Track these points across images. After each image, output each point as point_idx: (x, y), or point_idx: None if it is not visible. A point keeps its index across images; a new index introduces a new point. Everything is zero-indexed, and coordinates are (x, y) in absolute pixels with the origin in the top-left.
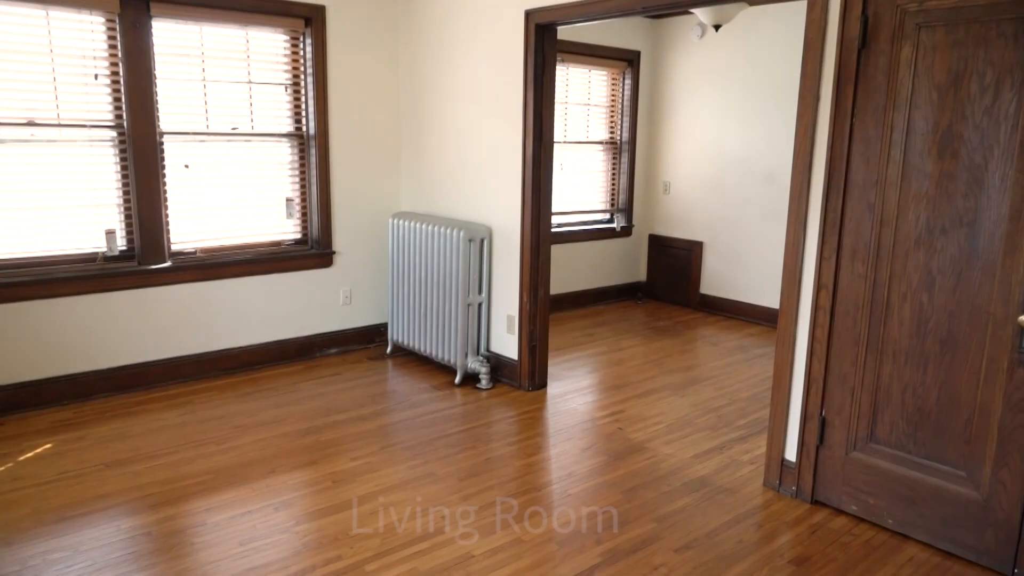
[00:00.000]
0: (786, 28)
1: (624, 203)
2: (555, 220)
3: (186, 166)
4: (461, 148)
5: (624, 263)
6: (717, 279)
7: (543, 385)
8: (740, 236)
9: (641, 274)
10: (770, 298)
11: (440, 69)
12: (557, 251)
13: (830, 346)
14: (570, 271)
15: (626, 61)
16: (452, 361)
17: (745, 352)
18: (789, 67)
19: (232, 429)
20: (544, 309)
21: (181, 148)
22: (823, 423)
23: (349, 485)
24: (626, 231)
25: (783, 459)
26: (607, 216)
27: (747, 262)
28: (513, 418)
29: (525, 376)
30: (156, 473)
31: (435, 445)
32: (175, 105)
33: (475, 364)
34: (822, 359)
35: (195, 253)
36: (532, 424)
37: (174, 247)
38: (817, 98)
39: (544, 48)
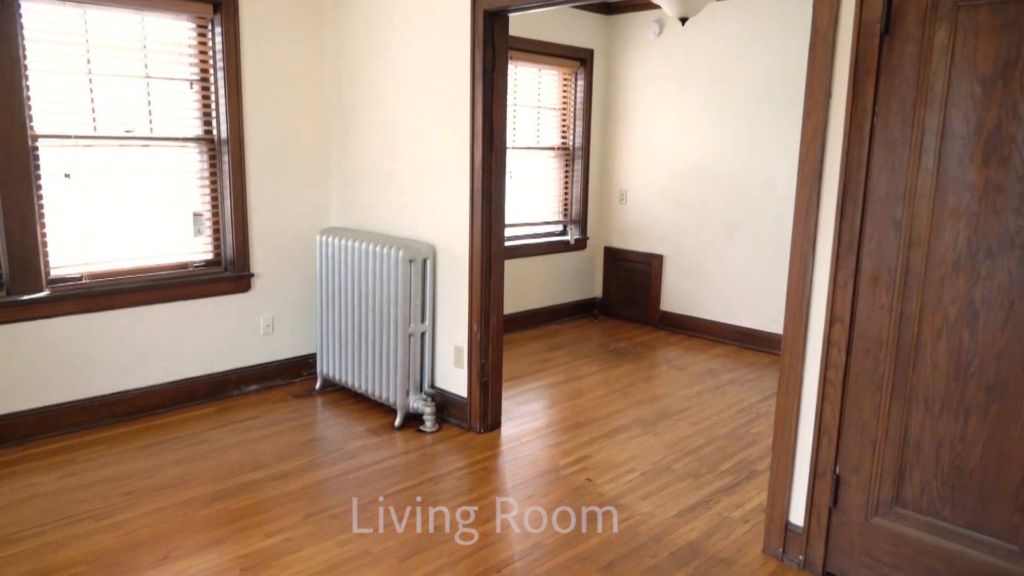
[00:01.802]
0: (749, 23)
1: (578, 214)
2: (504, 232)
3: (67, 175)
4: (400, 154)
5: (578, 278)
6: (678, 295)
7: (497, 425)
8: (703, 249)
9: (596, 290)
10: (736, 315)
11: (375, 63)
12: (507, 267)
13: (846, 390)
14: (521, 288)
15: (578, 60)
16: (391, 400)
17: (715, 377)
18: (754, 65)
19: (121, 497)
20: (497, 339)
21: (61, 154)
22: (837, 481)
23: (263, 573)
24: (580, 244)
25: (787, 522)
26: (560, 228)
27: (710, 277)
28: (464, 470)
29: (476, 416)
30: (12, 567)
31: (371, 510)
32: (53, 103)
33: (418, 403)
34: (836, 405)
35: (80, 279)
36: (486, 477)
37: (53, 273)
38: (828, 94)
39: (495, 39)
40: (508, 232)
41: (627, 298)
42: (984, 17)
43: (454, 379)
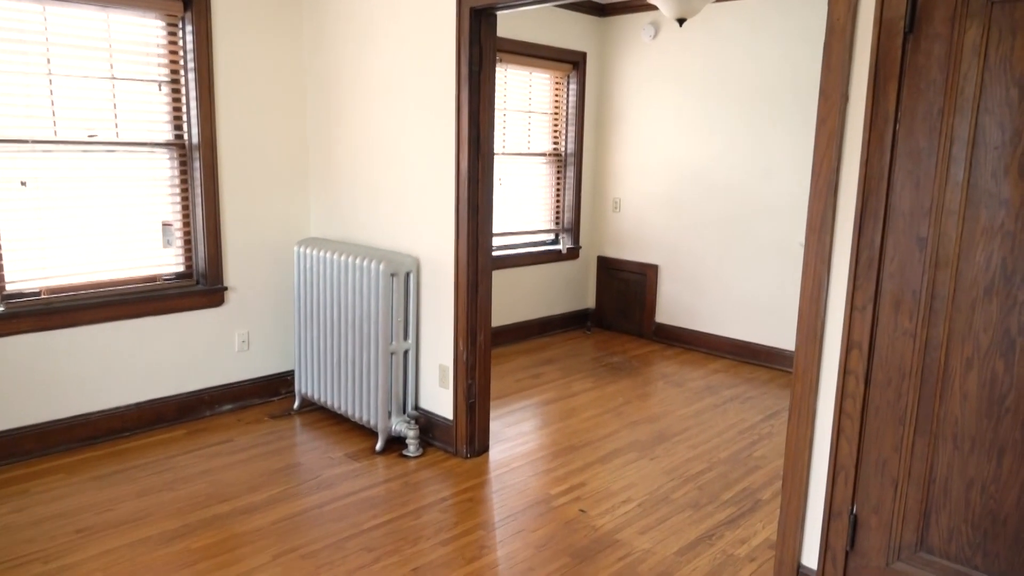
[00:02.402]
0: (749, 26)
1: (570, 222)
2: (494, 242)
3: (23, 183)
4: (381, 161)
5: (570, 289)
6: (674, 307)
7: (484, 449)
8: (699, 259)
9: (589, 301)
10: (734, 328)
11: (356, 64)
12: (496, 277)
13: (864, 423)
14: (511, 300)
15: (571, 63)
16: (372, 422)
17: (714, 394)
18: (753, 70)
19: (72, 535)
20: (485, 358)
21: (16, 160)
22: (854, 523)
23: None
24: (572, 253)
25: (799, 564)
26: (551, 237)
27: (707, 288)
28: (449, 500)
29: (462, 440)
30: None
31: (347, 549)
32: (7, 105)
33: (400, 426)
34: (853, 440)
35: (38, 295)
36: (473, 509)
37: (9, 288)
38: (845, 98)
39: (482, 37)
40: (497, 241)
41: (621, 309)
42: (1022, 14)
43: (439, 400)
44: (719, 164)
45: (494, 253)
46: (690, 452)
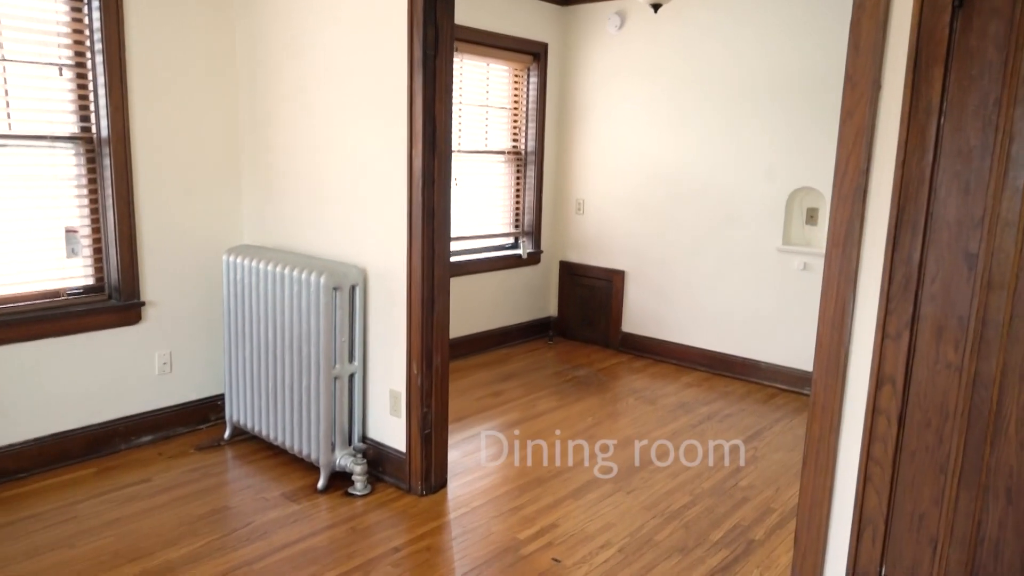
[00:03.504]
0: (725, 17)
1: (530, 225)
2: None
3: None
4: (324, 158)
5: (531, 297)
6: (641, 315)
7: (441, 485)
8: (669, 264)
9: (551, 309)
10: (706, 338)
11: (294, 47)
12: (452, 285)
13: (897, 472)
14: (467, 309)
15: (531, 55)
16: (313, 456)
17: (689, 412)
18: (729, 63)
19: None
20: (442, 383)
21: None
22: None
23: None
24: (533, 258)
25: None
26: (510, 241)
27: (677, 295)
28: (402, 551)
29: (416, 475)
30: None
31: None
32: None
33: (346, 460)
34: (883, 490)
35: None
36: (430, 561)
37: None
38: (878, 86)
39: (438, 17)
40: (453, 246)
41: (585, 318)
42: None
43: (390, 430)
44: (690, 164)
45: (451, 260)
46: (670, 482)
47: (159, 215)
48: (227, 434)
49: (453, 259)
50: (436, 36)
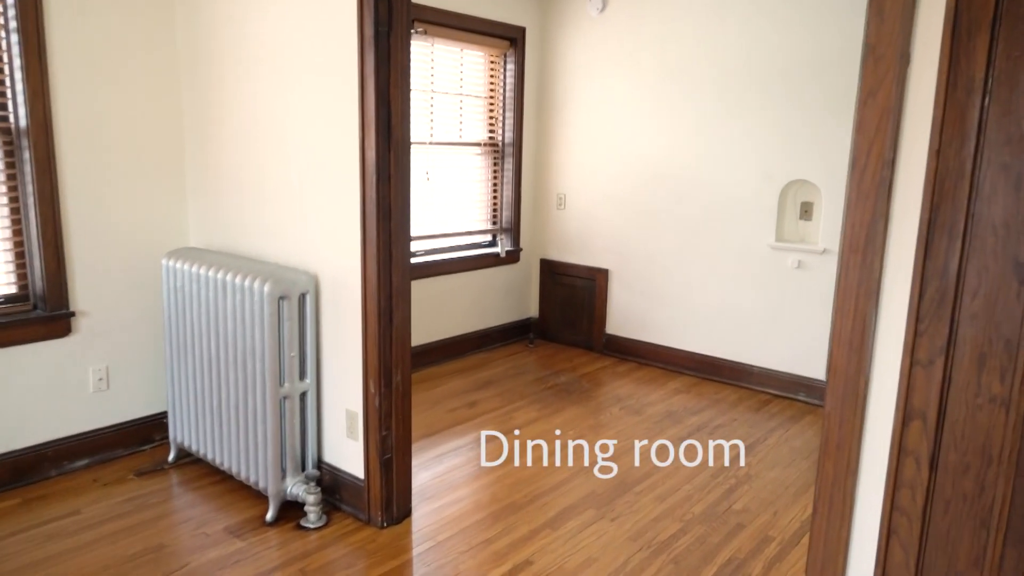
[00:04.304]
0: (714, 0)
1: (509, 221)
2: (422, 245)
3: None
4: (270, 151)
5: (511, 297)
6: (627, 317)
7: (405, 515)
8: (655, 263)
9: (532, 310)
10: (694, 341)
11: (236, 28)
12: (426, 287)
13: (928, 524)
14: (442, 312)
15: (508, 40)
16: (262, 484)
17: (677, 422)
18: (719, 49)
19: None
20: (404, 402)
21: None
22: None
23: None
24: (512, 257)
25: None
26: (488, 239)
27: (664, 295)
28: None
29: (376, 504)
30: None
31: None
32: None
33: (298, 488)
34: (911, 546)
35: None
36: None
37: None
38: (906, 59)
39: None
40: (427, 244)
41: (567, 319)
42: None
43: (347, 454)
44: (678, 156)
45: (422, 259)
46: (657, 507)
47: (90, 215)
48: (171, 456)
49: (427, 259)
50: (390, 10)
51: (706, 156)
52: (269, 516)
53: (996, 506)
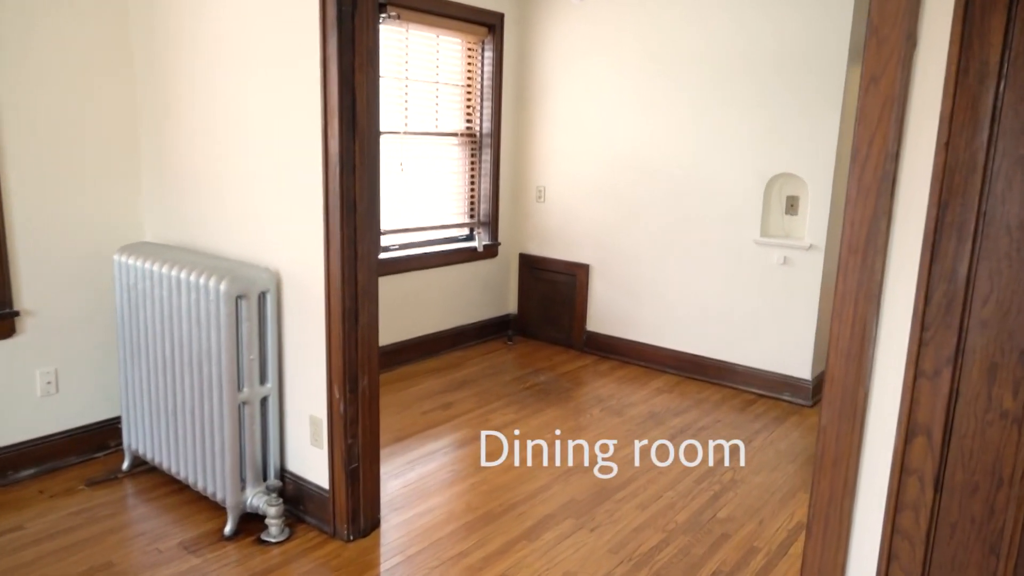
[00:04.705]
0: None
1: (487, 215)
2: (396, 239)
3: None
4: (229, 140)
5: (488, 293)
6: (608, 313)
7: (374, 526)
8: (637, 258)
9: (511, 306)
10: (678, 339)
11: (194, 10)
12: (399, 282)
13: (932, 549)
14: (418, 308)
15: (486, 26)
16: (220, 495)
17: (660, 423)
18: (705, 37)
19: None
20: (371, 408)
21: None
22: None
23: None
24: (490, 251)
25: None
26: (465, 232)
27: (646, 292)
28: None
29: (342, 516)
30: None
31: None
32: None
33: (259, 500)
34: (913, 573)
35: None
36: None
37: None
38: (913, 41)
39: None
40: (401, 239)
41: (547, 316)
42: None
43: (311, 463)
44: (661, 148)
45: (395, 254)
46: (639, 515)
47: (37, 209)
48: (126, 464)
49: (401, 253)
50: None
51: (690, 148)
52: (227, 530)
53: (1007, 531)
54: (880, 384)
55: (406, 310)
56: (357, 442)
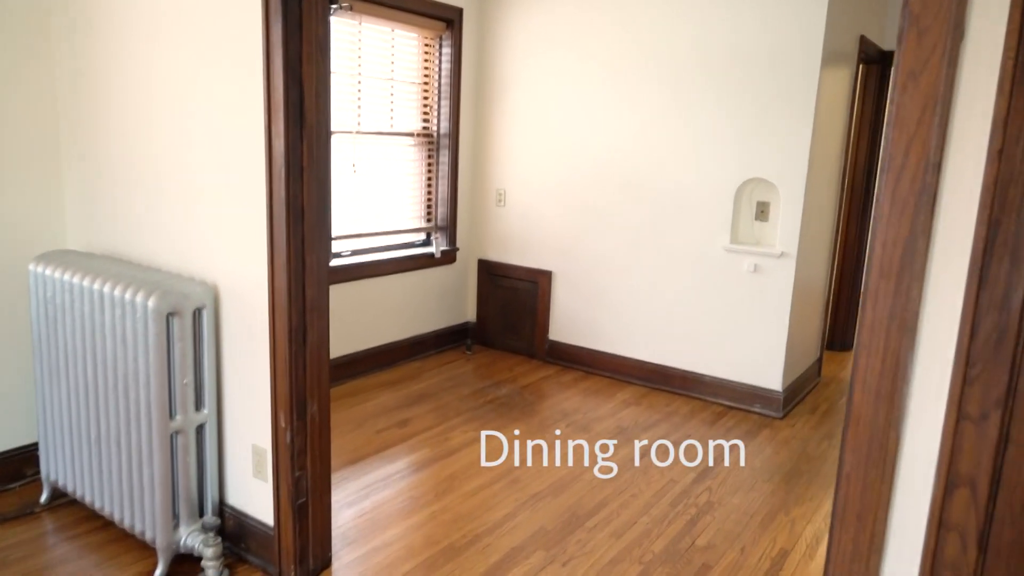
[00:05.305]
0: None
1: (444, 219)
2: (348, 245)
3: None
4: (163, 138)
5: (446, 301)
6: (571, 322)
7: (324, 566)
8: (602, 264)
9: (470, 314)
10: (644, 349)
11: None
12: (351, 291)
13: None
14: (372, 317)
15: (444, 21)
16: (149, 535)
17: (629, 440)
18: (673, 35)
19: None
20: (322, 437)
21: None
22: None
23: None
24: (448, 257)
25: None
26: (421, 237)
27: (611, 300)
28: None
29: (289, 556)
30: None
31: None
32: None
33: (194, 540)
34: None
35: None
36: None
37: None
38: (960, 31)
39: None
40: (354, 244)
41: (508, 324)
42: None
43: (255, 496)
44: (627, 151)
45: (347, 260)
46: (613, 544)
47: None
48: (44, 497)
49: (354, 260)
50: None
51: (658, 150)
52: (158, 573)
53: None
54: (914, 427)
55: (359, 320)
56: (306, 474)
